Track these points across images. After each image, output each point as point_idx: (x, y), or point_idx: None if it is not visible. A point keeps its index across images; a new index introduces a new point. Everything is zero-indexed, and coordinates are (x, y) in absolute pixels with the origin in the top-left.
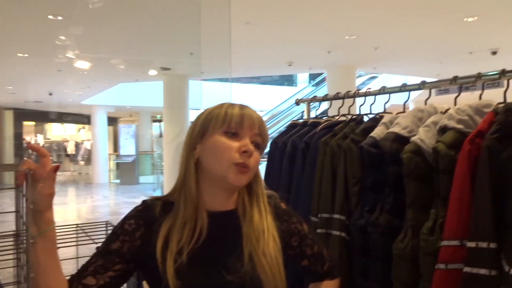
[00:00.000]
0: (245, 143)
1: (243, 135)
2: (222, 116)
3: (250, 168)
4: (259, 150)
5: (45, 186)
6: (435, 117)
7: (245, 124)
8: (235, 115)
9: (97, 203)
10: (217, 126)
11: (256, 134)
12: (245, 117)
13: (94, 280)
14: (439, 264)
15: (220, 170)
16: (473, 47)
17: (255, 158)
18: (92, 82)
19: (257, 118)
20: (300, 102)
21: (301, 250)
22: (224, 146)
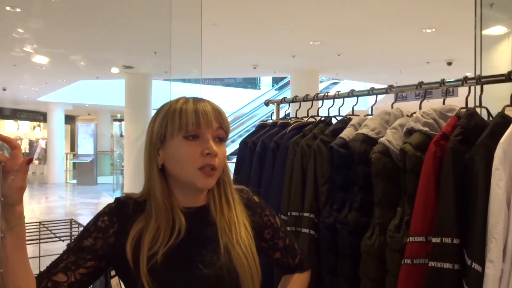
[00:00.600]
0: (207, 145)
1: (203, 134)
2: (177, 120)
3: (217, 168)
4: (223, 142)
5: (16, 179)
6: (401, 120)
7: (202, 123)
8: (190, 115)
9: (52, 203)
10: (175, 132)
11: (217, 128)
12: (201, 115)
13: (65, 277)
14: (405, 260)
15: (187, 177)
16: (430, 58)
17: (221, 153)
18: (49, 78)
19: (213, 112)
20: (269, 103)
21: (274, 243)
22: (186, 152)
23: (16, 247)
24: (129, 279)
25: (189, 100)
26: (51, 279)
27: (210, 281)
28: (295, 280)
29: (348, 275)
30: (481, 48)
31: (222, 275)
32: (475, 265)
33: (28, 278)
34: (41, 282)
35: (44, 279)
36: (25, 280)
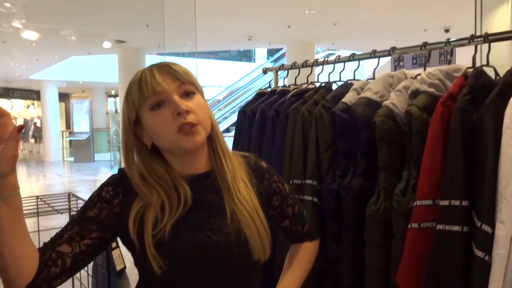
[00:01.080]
0: (173, 106)
1: (167, 98)
2: (133, 97)
3: (196, 122)
4: (195, 95)
5: (7, 147)
6: (405, 82)
7: (161, 89)
8: (142, 87)
9: (50, 181)
10: (140, 108)
11: (179, 85)
12: (153, 82)
13: (70, 248)
14: (412, 224)
15: (171, 145)
16: (427, 25)
17: (197, 107)
18: (41, 55)
19: (169, 72)
20: (268, 70)
21: (282, 210)
22: (158, 122)
23: (12, 218)
24: (133, 251)
25: (141, 72)
26: (55, 250)
27: (220, 248)
28: (305, 248)
29: (352, 241)
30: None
31: (231, 241)
32: (485, 226)
33: (27, 250)
34: (45, 253)
35: (48, 249)
36: (24, 252)
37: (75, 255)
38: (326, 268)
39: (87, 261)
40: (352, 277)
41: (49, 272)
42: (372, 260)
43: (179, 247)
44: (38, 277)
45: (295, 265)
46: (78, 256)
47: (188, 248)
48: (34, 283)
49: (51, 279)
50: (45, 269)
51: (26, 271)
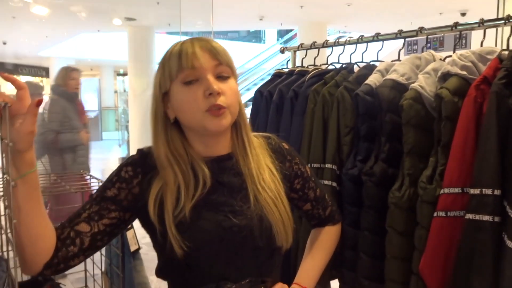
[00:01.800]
0: (206, 85)
1: (201, 76)
2: (171, 67)
3: (225, 105)
4: (230, 79)
5: (24, 122)
6: (435, 64)
7: (197, 64)
8: (182, 59)
9: None
10: (173, 80)
11: (216, 65)
12: (194, 56)
13: (88, 227)
14: (438, 212)
15: (196, 123)
16: (443, 8)
17: (228, 90)
18: (50, 32)
19: (208, 49)
20: (285, 50)
21: (304, 193)
22: (188, 98)
23: (29, 196)
24: (153, 232)
25: (181, 43)
26: (73, 228)
27: (241, 230)
28: (326, 232)
29: (373, 228)
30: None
31: (253, 225)
32: None
33: (44, 229)
34: (63, 231)
35: (66, 228)
36: (41, 230)
37: (94, 235)
38: (343, 254)
39: (105, 241)
40: (372, 264)
41: (67, 251)
42: (393, 247)
43: (201, 228)
44: (56, 256)
45: (317, 249)
46: (97, 235)
47: (210, 230)
48: (52, 262)
49: (69, 258)
50: (63, 248)
51: (43, 250)
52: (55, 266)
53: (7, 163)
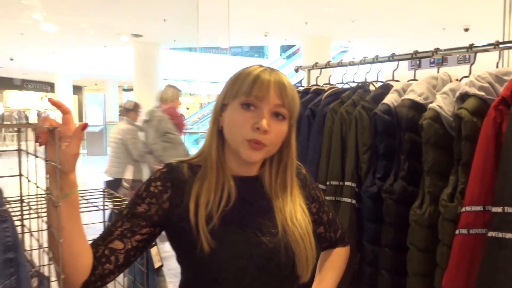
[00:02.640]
0: (259, 118)
1: (260, 107)
2: (238, 85)
3: (266, 143)
4: (283, 121)
5: (70, 145)
6: (452, 85)
7: (261, 95)
8: (250, 83)
9: None
10: (233, 96)
11: (278, 105)
12: (261, 86)
13: (122, 244)
14: (460, 230)
15: (234, 144)
16: (446, 23)
17: (276, 131)
18: (57, 48)
19: (277, 86)
20: (299, 69)
21: (319, 217)
22: (238, 121)
23: (71, 216)
24: (185, 243)
25: (258, 68)
26: (107, 246)
27: (268, 249)
28: (337, 254)
29: (393, 245)
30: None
31: (280, 248)
32: None
33: (84, 246)
34: (97, 249)
35: (100, 246)
36: (81, 249)
37: (127, 251)
38: (362, 270)
39: (137, 256)
40: (392, 280)
41: (103, 269)
42: (414, 264)
43: (229, 239)
44: (93, 274)
45: (327, 270)
46: (130, 251)
47: (238, 242)
48: (90, 280)
49: (105, 275)
50: (99, 266)
51: (82, 268)
52: (92, 284)
53: (51, 184)
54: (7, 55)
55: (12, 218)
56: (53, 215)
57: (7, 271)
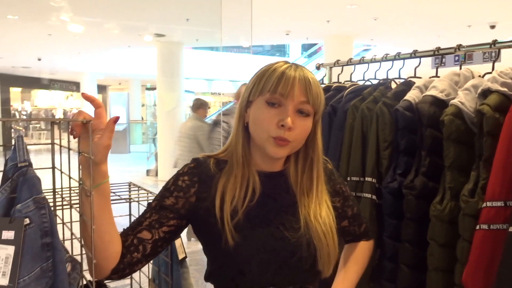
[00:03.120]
0: (284, 115)
1: (285, 104)
2: (263, 82)
3: (291, 140)
4: (308, 117)
5: (102, 137)
6: (474, 81)
7: (285, 93)
8: (275, 81)
9: None
10: (258, 93)
11: (303, 102)
12: (286, 84)
13: (150, 235)
14: (481, 225)
15: (260, 141)
16: (472, 21)
17: (300, 128)
18: (83, 48)
19: (302, 83)
20: (321, 66)
21: (343, 211)
22: (263, 117)
23: (102, 205)
24: (211, 235)
25: (283, 65)
26: (136, 236)
27: (291, 243)
28: (361, 247)
29: (414, 240)
30: None
31: (302, 243)
32: None
33: (114, 235)
34: (126, 238)
35: (129, 235)
36: (111, 237)
37: (155, 241)
38: (382, 265)
39: (164, 247)
40: (412, 275)
41: (131, 257)
42: (435, 259)
43: (254, 233)
44: (122, 262)
45: (351, 264)
46: (157, 242)
47: (262, 236)
48: (118, 267)
49: (133, 263)
50: (128, 254)
51: (112, 255)
52: (121, 271)
53: (83, 174)
54: (35, 56)
55: (49, 205)
56: (85, 204)
57: (44, 254)
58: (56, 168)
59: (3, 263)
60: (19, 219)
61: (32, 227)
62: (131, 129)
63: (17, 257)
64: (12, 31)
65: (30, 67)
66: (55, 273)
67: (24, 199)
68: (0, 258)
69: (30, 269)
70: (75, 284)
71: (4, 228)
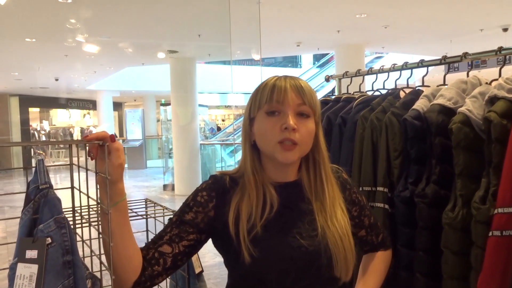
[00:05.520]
0: (284, 119)
1: (283, 110)
2: (259, 96)
3: (297, 142)
4: (309, 118)
5: (111, 157)
6: (481, 88)
7: (281, 99)
8: (269, 92)
9: None
10: (257, 108)
11: (299, 104)
12: (280, 91)
13: (170, 248)
14: (493, 232)
15: (268, 150)
16: (484, 24)
17: (304, 128)
18: (98, 67)
19: (294, 88)
20: (330, 78)
21: (360, 220)
22: (266, 127)
23: (120, 222)
24: (229, 250)
25: (273, 78)
26: (157, 250)
27: (308, 251)
28: (379, 257)
29: (428, 248)
30: None
31: (319, 251)
32: None
33: (134, 250)
34: (148, 252)
35: (151, 249)
36: (130, 252)
37: (175, 255)
38: (398, 274)
39: (184, 261)
40: (428, 284)
41: (152, 270)
42: (449, 267)
43: (271, 245)
44: (143, 275)
45: (370, 274)
46: (178, 256)
47: (279, 247)
48: (140, 280)
49: (154, 276)
50: (149, 267)
51: (132, 269)
52: (143, 284)
53: (101, 194)
54: (53, 76)
55: (69, 224)
56: (104, 223)
57: (66, 272)
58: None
59: (27, 281)
60: (41, 238)
61: (54, 246)
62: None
63: (41, 275)
64: (30, 53)
65: (47, 87)
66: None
67: (45, 220)
68: (25, 276)
69: (53, 287)
70: None
71: (27, 247)
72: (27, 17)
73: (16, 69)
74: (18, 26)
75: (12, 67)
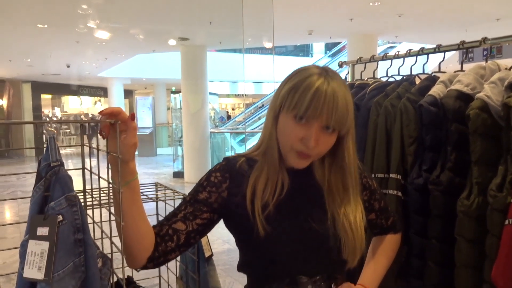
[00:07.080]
0: (309, 133)
1: (310, 122)
2: (296, 100)
3: (312, 155)
4: (333, 133)
5: (127, 136)
6: (500, 74)
7: (313, 111)
8: (307, 99)
9: None
10: (290, 108)
11: (328, 118)
12: (316, 102)
13: (184, 226)
14: (509, 220)
15: (283, 150)
16: (500, 13)
17: (324, 144)
18: (109, 54)
19: (330, 101)
20: (343, 64)
21: (370, 204)
22: (289, 131)
23: (132, 201)
24: (242, 228)
25: (317, 79)
26: (171, 226)
27: (318, 235)
28: (388, 240)
29: (441, 236)
30: None
31: (328, 234)
32: None
33: (145, 228)
34: (162, 228)
35: (164, 226)
36: (143, 229)
37: (188, 233)
38: (410, 262)
39: (197, 239)
40: (440, 272)
41: (166, 246)
42: (463, 256)
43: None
44: (157, 250)
45: (380, 255)
46: (191, 233)
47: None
48: (154, 255)
49: (167, 252)
50: (163, 243)
51: (145, 246)
52: (156, 259)
53: (113, 173)
54: (64, 62)
55: (81, 202)
56: (116, 202)
57: (77, 250)
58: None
59: (38, 258)
60: (52, 216)
61: (65, 223)
62: (158, 133)
63: (52, 252)
64: (42, 40)
65: (59, 74)
66: (87, 267)
67: (57, 197)
68: (36, 253)
69: (64, 264)
70: (106, 280)
71: (39, 224)
72: (39, 3)
73: (28, 56)
74: (30, 12)
75: (24, 54)
